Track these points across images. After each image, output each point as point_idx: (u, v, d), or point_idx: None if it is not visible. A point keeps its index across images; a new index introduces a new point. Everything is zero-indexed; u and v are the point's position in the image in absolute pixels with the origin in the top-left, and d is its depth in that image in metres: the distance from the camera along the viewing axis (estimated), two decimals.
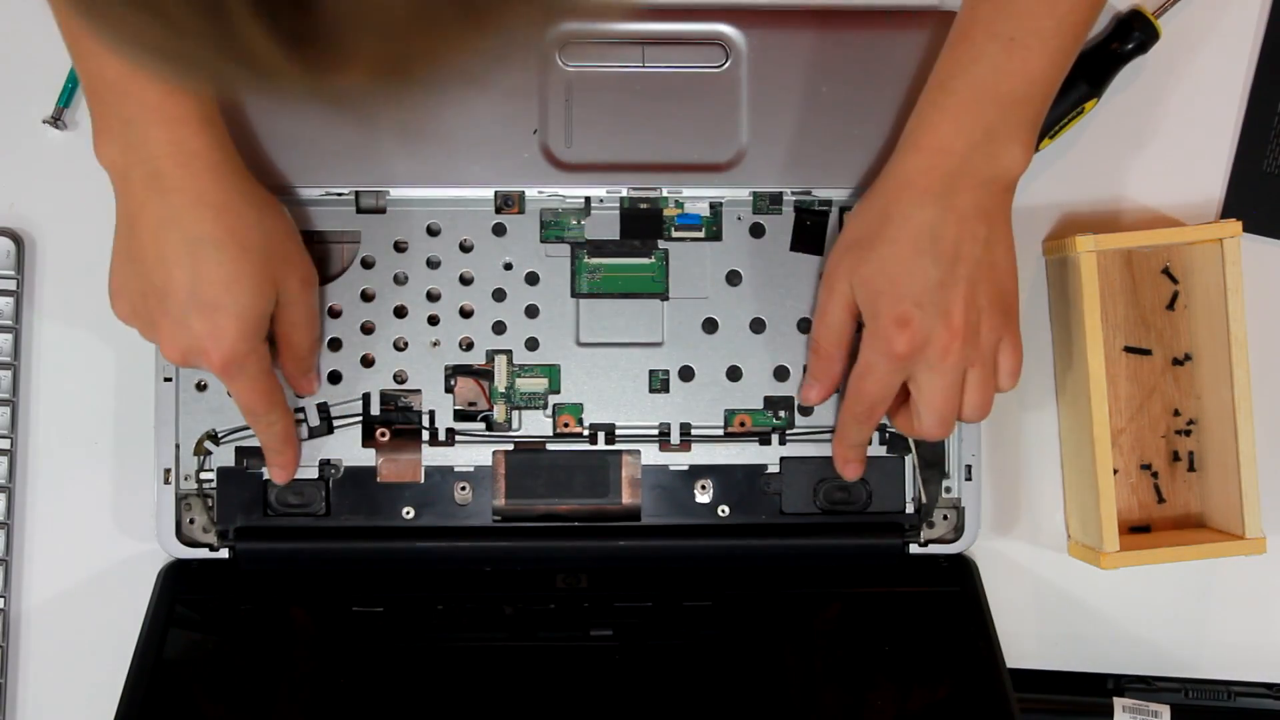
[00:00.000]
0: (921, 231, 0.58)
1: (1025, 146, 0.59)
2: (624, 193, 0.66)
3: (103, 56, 0.54)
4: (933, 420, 0.60)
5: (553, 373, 0.66)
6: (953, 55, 0.60)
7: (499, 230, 0.66)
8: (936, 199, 0.58)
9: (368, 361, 0.66)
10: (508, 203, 0.66)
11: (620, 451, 0.67)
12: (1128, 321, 0.69)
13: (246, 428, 0.65)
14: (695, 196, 0.66)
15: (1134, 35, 0.67)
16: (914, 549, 0.67)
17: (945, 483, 0.67)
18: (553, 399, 0.66)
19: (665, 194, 0.66)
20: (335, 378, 0.66)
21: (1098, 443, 0.64)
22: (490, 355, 0.66)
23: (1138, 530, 0.69)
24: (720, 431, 0.66)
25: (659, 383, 0.67)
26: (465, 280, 0.66)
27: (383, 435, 0.66)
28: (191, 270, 0.56)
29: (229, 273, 0.56)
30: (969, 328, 0.58)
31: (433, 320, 0.66)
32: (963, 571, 0.67)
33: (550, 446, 0.66)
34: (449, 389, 0.66)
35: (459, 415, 0.66)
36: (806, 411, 0.66)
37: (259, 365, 0.59)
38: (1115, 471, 0.66)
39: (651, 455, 0.66)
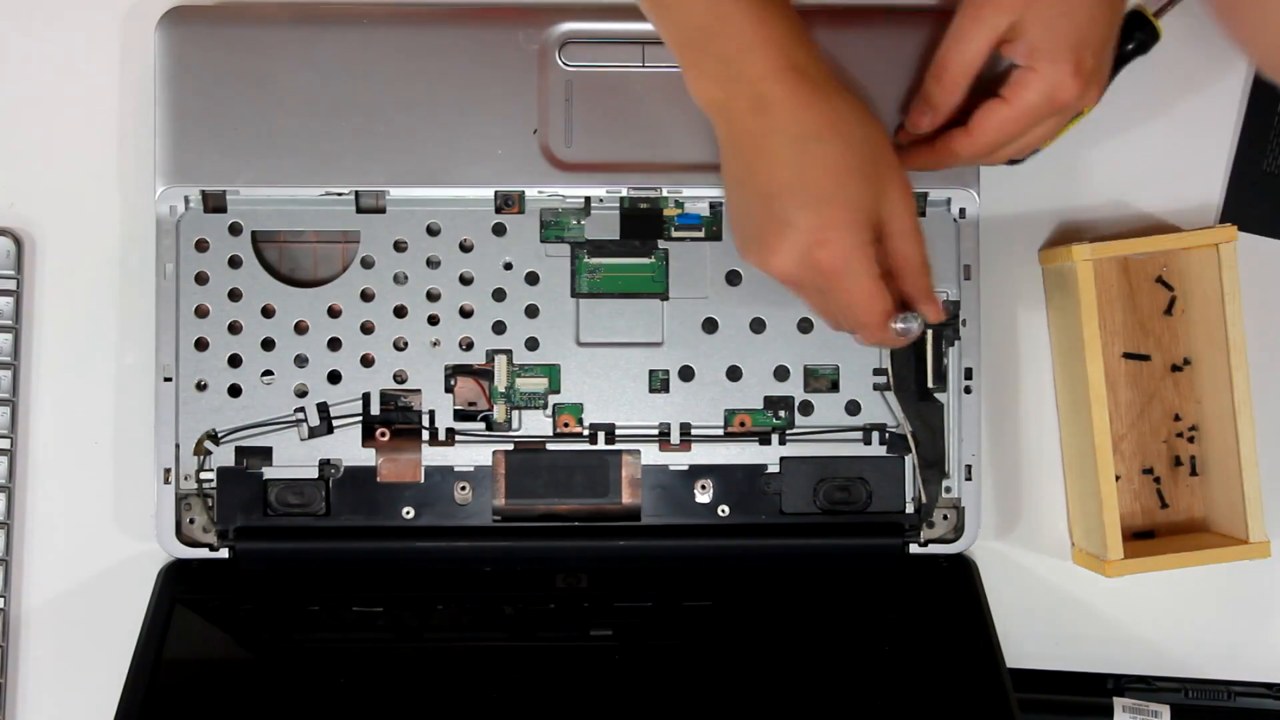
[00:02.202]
0: None
1: None
2: (624, 193, 0.66)
3: (688, 4, 0.54)
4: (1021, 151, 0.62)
5: (553, 372, 0.66)
6: None
7: (499, 230, 0.66)
8: None
9: (368, 361, 0.66)
10: (508, 202, 0.66)
11: (620, 451, 0.67)
12: (1126, 327, 0.69)
13: (247, 427, 0.65)
14: (695, 196, 0.66)
15: (1135, 36, 0.67)
16: (914, 549, 0.67)
17: (945, 483, 0.67)
18: (553, 399, 0.66)
19: (665, 194, 0.66)
20: (335, 377, 0.66)
21: (1099, 450, 0.64)
22: (490, 355, 0.66)
23: (1141, 535, 0.69)
24: (720, 431, 0.66)
25: (659, 382, 0.67)
26: (465, 280, 0.66)
27: (383, 435, 0.66)
28: (798, 166, 0.55)
29: (836, 164, 0.55)
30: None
31: (433, 320, 0.66)
32: (963, 571, 0.67)
33: (550, 446, 0.66)
34: (449, 389, 0.66)
35: (459, 415, 0.66)
36: (807, 410, 0.66)
37: (869, 266, 0.56)
38: (1117, 478, 0.66)
39: (651, 455, 0.66)
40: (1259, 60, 0.55)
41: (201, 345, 0.65)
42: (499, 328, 0.66)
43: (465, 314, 0.66)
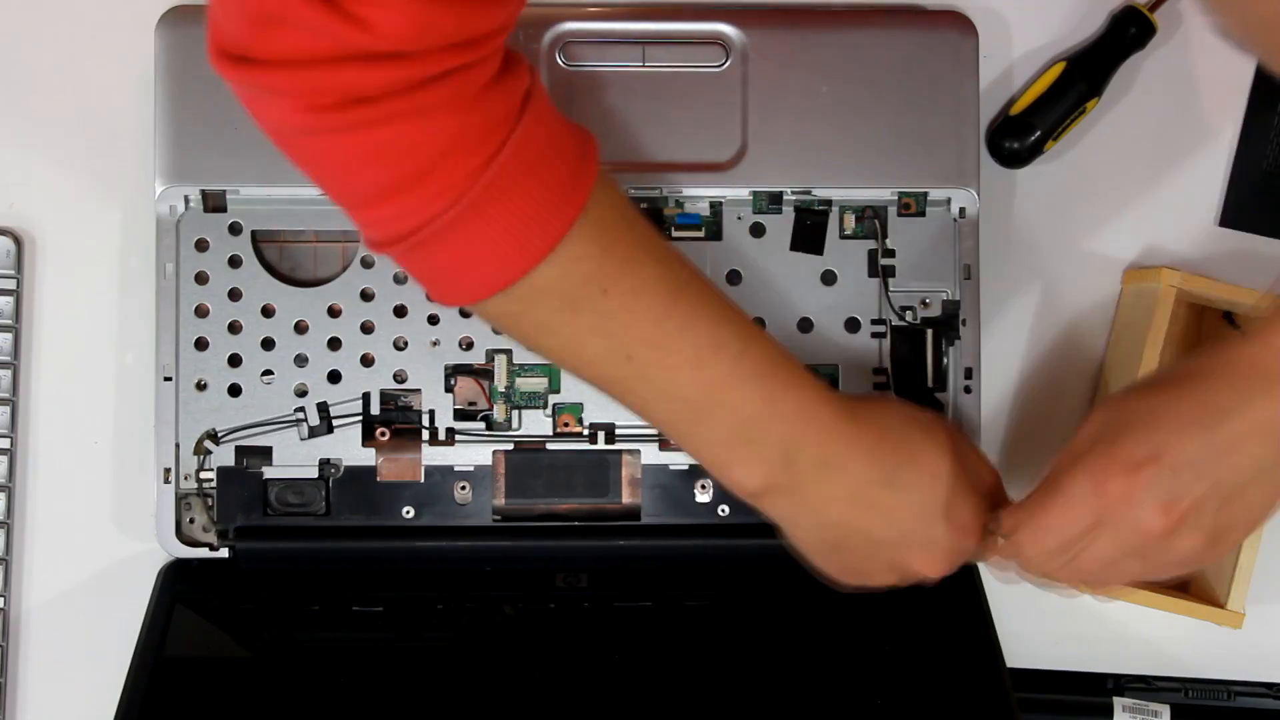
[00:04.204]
0: (1235, 421, 0.52)
1: None
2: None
3: (738, 399, 0.52)
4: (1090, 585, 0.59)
5: (553, 372, 0.66)
6: None
7: None
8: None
9: (368, 361, 0.66)
10: None
11: (620, 451, 0.66)
12: None
13: (247, 426, 0.65)
14: (695, 196, 0.66)
15: (1130, 31, 0.67)
16: None
17: None
18: (552, 398, 0.66)
19: (665, 194, 0.66)
20: (335, 377, 0.66)
21: None
22: (490, 354, 0.66)
23: None
24: None
25: None
26: None
27: (383, 435, 0.66)
28: (908, 501, 0.55)
29: (929, 472, 0.55)
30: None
31: (432, 319, 0.66)
32: (963, 571, 0.66)
33: (550, 446, 0.66)
34: (449, 388, 0.66)
35: (459, 415, 0.66)
36: None
37: (980, 537, 0.57)
38: None
39: (651, 454, 0.66)
40: (1257, 53, 0.52)
41: (201, 345, 0.65)
42: None
43: (465, 313, 0.66)
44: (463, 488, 0.66)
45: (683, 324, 0.52)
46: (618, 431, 0.66)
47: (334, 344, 0.66)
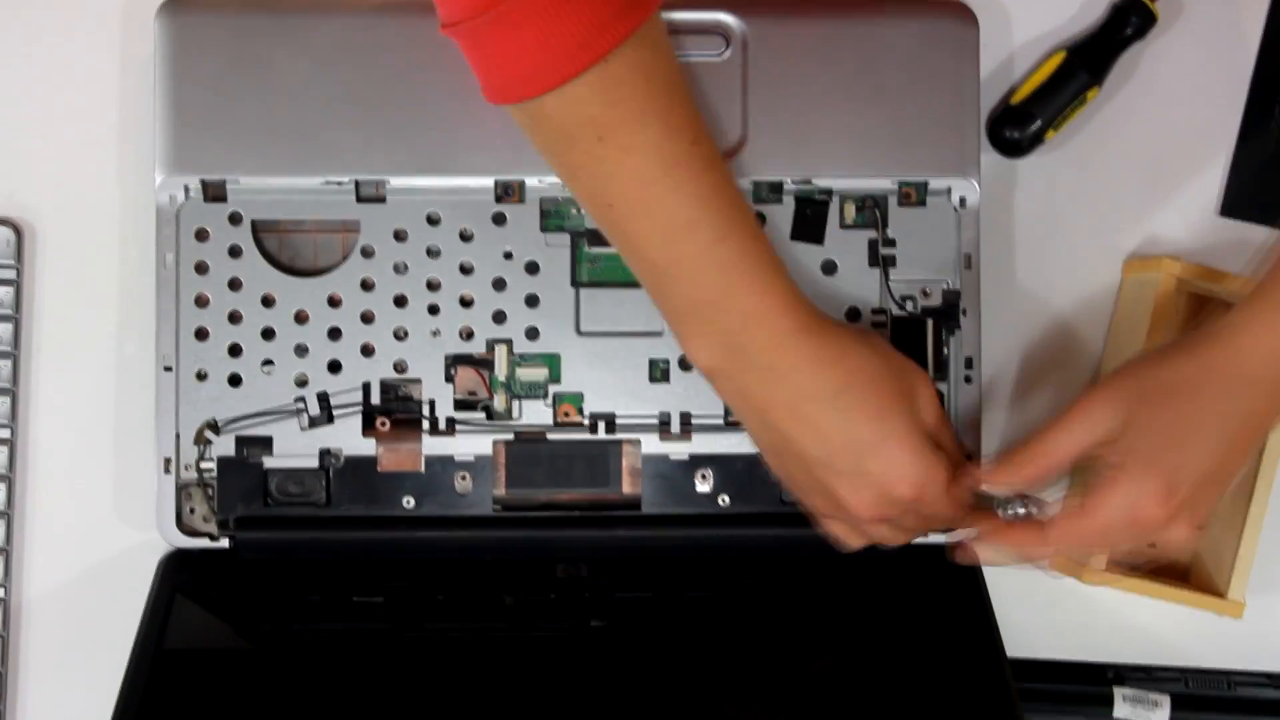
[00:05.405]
0: (1231, 425, 0.55)
1: None
2: None
3: (697, 281, 0.54)
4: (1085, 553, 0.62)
5: (553, 362, 0.66)
6: None
7: (499, 219, 0.66)
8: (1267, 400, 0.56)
9: (368, 351, 0.66)
10: (508, 192, 0.66)
11: (621, 441, 0.66)
12: None
13: (247, 416, 0.65)
14: None
15: (1131, 21, 0.67)
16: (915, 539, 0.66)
17: None
18: (553, 388, 0.66)
19: None
20: (335, 367, 0.66)
21: None
22: (490, 344, 0.66)
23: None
24: (720, 421, 0.66)
25: (659, 372, 0.66)
26: (465, 269, 0.66)
27: (383, 424, 0.66)
28: (841, 424, 0.56)
29: (875, 406, 0.56)
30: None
31: (433, 309, 0.66)
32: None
33: (551, 436, 0.66)
34: (449, 378, 0.66)
35: (459, 404, 0.66)
36: None
37: (945, 474, 0.57)
38: None
39: (652, 444, 0.66)
40: None
41: (202, 335, 0.65)
42: (499, 317, 0.66)
43: (465, 303, 0.66)
44: (463, 478, 0.66)
45: (666, 194, 0.53)
46: (618, 421, 0.66)
47: (334, 334, 0.66)
